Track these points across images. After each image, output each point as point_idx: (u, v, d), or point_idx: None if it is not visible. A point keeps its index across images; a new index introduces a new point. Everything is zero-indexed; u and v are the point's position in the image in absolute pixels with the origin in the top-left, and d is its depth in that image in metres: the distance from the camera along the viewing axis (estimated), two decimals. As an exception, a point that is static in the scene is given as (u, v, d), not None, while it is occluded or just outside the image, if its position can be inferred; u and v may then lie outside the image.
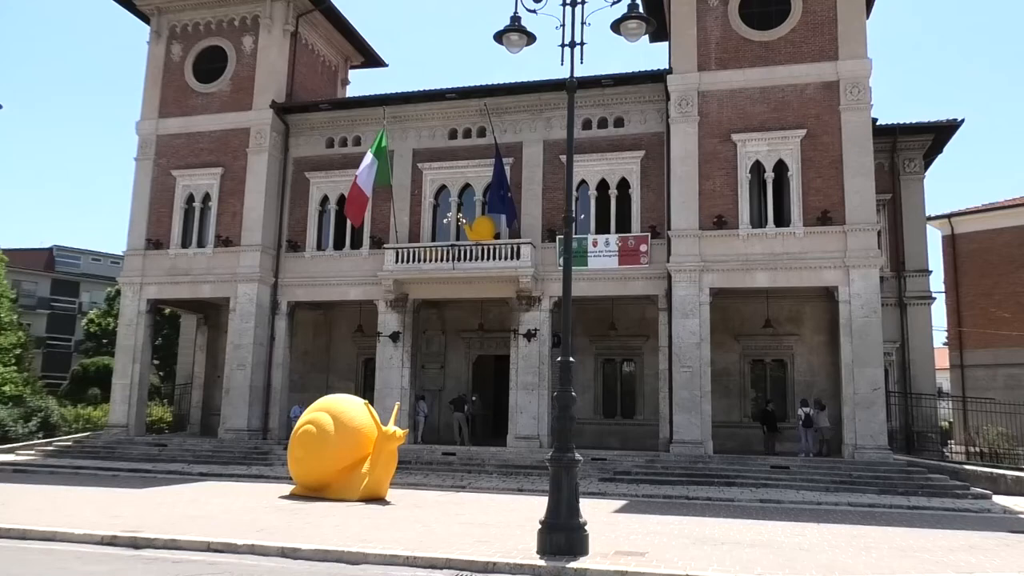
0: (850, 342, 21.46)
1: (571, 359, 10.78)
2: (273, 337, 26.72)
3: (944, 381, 38.02)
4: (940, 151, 29.00)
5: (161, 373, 38.72)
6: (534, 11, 11.53)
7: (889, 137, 27.03)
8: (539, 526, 10.21)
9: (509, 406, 24.32)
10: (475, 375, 28.15)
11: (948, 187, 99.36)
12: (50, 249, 64.71)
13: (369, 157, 23.92)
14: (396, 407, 18.81)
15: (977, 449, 24.52)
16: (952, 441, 28.72)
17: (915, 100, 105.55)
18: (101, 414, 30.14)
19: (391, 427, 16.75)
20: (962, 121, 26.94)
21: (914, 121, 27.36)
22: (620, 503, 16.65)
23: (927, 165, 28.83)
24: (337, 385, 26.97)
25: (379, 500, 16.25)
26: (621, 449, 23.92)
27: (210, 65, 28.44)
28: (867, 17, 23.29)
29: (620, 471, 21.10)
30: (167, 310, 33.72)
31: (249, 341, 26.05)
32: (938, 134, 27.78)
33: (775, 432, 23.65)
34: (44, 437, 28.14)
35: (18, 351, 34.53)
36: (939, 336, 40.91)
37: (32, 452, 25.88)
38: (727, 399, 25.03)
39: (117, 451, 25.42)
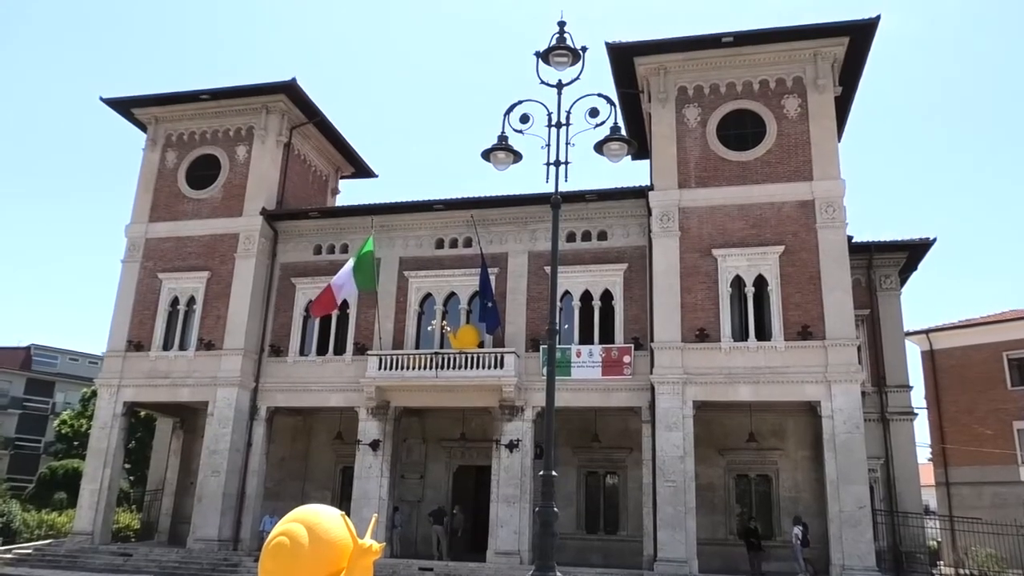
0: (834, 458, 21.27)
1: (553, 473, 10.61)
2: (250, 443, 26.16)
3: (931, 498, 37.55)
4: (915, 268, 29.48)
5: (131, 478, 37.57)
6: (521, 131, 12.02)
7: (865, 254, 27.45)
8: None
9: (490, 519, 23.68)
10: (455, 486, 27.51)
11: (926, 302, 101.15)
12: (28, 348, 63.88)
13: (349, 264, 23.99)
14: (374, 519, 17.90)
15: (967, 571, 24.04)
16: (941, 562, 28.15)
17: (890, 216, 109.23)
18: (66, 520, 29.05)
19: (367, 540, 16.16)
20: (934, 240, 27.45)
21: (888, 239, 27.89)
22: (602, 625, 16.03)
23: (903, 281, 29.27)
24: (313, 494, 26.29)
25: (351, 619, 15.51)
26: (604, 566, 23.17)
27: (203, 172, 29.01)
28: (839, 140, 24.34)
29: (603, 590, 20.39)
30: (142, 412, 33.09)
31: (225, 447, 25.46)
32: (912, 251, 28.24)
33: (760, 551, 23.02)
34: (4, 544, 26.91)
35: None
36: (923, 452, 40.76)
37: (-11, 561, 24.76)
38: (712, 515, 24.50)
39: (79, 560, 24.33)
